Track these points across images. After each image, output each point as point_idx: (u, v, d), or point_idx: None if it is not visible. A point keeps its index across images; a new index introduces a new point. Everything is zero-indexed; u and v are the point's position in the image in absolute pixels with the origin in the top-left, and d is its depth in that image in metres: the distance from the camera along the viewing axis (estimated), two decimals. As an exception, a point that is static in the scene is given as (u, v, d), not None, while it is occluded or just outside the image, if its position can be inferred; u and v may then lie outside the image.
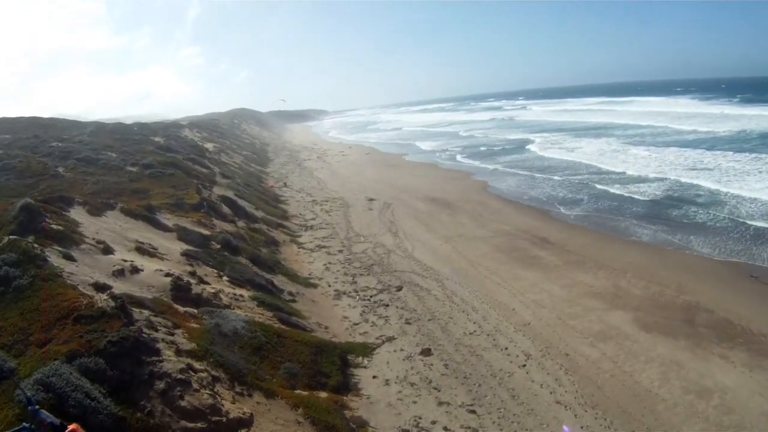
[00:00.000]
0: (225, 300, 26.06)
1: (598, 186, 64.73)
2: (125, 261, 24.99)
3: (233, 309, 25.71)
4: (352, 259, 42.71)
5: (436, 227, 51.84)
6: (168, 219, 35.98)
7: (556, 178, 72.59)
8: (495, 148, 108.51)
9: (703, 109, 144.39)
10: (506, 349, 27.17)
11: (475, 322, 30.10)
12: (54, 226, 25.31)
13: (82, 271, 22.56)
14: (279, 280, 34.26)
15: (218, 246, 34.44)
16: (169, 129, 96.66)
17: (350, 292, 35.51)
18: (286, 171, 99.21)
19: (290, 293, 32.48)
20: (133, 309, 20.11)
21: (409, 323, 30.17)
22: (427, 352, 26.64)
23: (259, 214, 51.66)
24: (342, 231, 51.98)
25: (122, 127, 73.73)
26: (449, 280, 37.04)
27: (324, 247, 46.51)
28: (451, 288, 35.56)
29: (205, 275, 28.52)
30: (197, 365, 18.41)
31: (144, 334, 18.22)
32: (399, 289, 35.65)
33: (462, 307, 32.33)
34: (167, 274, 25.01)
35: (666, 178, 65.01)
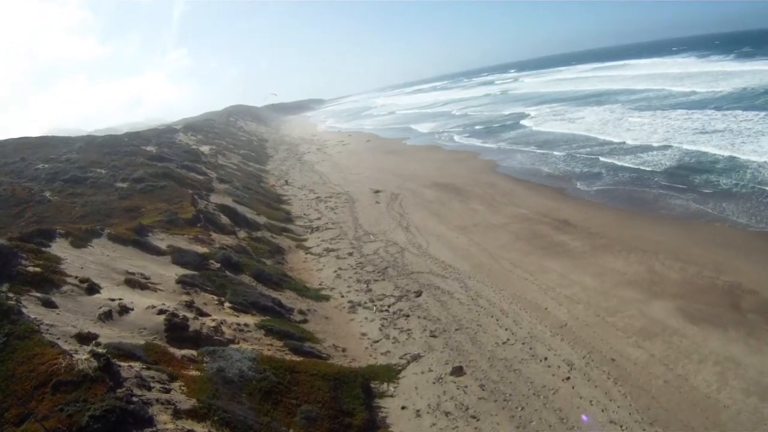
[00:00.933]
0: (228, 333, 23.34)
1: (609, 159, 61.73)
2: (112, 300, 22.28)
3: (238, 343, 23.01)
4: (364, 263, 39.93)
5: (449, 217, 49.01)
6: (161, 240, 33.23)
7: (563, 152, 69.63)
8: (495, 125, 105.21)
9: (702, 67, 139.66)
10: (545, 359, 24.42)
11: (506, 329, 27.32)
12: (31, 269, 22.59)
13: (63, 320, 19.94)
14: (287, 297, 31.51)
15: (218, 265, 31.72)
16: (163, 135, 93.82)
17: (366, 302, 32.73)
18: (286, 167, 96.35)
19: (300, 312, 29.70)
20: (121, 363, 17.49)
21: (434, 336, 27.39)
22: (458, 372, 23.87)
23: (261, 219, 48.85)
24: (350, 230, 49.19)
25: (112, 139, 70.73)
26: (471, 279, 34.25)
27: (332, 250, 43.74)
28: (474, 288, 32.78)
29: (204, 304, 25.79)
30: (199, 429, 15.72)
31: (134, 398, 15.59)
32: (418, 294, 32.88)
33: (490, 310, 29.54)
34: (160, 311, 22.26)
35: (679, 146, 61.75)
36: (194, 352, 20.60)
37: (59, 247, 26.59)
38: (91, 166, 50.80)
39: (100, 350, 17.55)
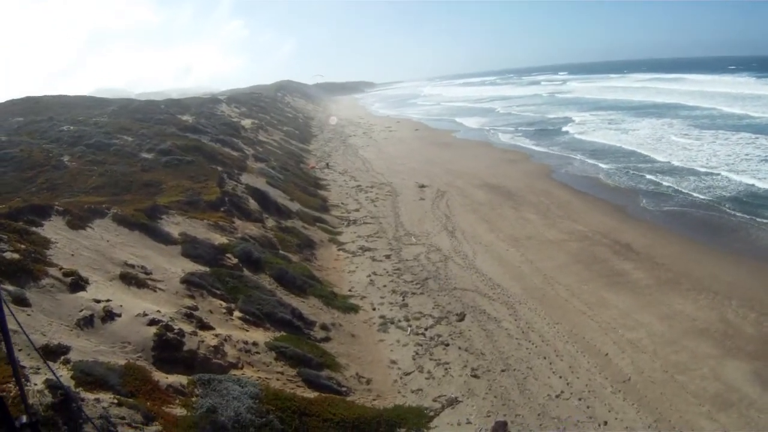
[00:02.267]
0: (231, 354, 19.35)
1: (674, 178, 56.08)
2: (98, 302, 18.44)
3: (241, 368, 19.03)
4: (401, 269, 35.75)
5: (500, 225, 44.53)
6: (176, 224, 29.44)
7: (622, 164, 64.12)
8: (547, 128, 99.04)
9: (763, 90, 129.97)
10: (605, 424, 19.91)
11: (560, 376, 22.84)
12: (9, 255, 18.87)
13: (33, 324, 16.31)
14: (310, 306, 27.48)
15: (235, 261, 27.83)
16: (204, 105, 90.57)
17: (400, 320, 28.52)
18: (329, 149, 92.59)
19: (323, 327, 25.64)
20: (87, 396, 13.69)
21: (476, 376, 23.01)
22: (502, 428, 19.47)
23: (295, 206, 44.96)
24: (390, 227, 45.05)
25: (147, 105, 67.44)
26: (522, 306, 29.79)
27: (368, 249, 39.66)
28: (525, 318, 28.34)
29: (210, 312, 21.85)
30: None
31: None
32: (461, 318, 28.56)
33: (542, 349, 25.07)
34: (152, 321, 18.35)
35: (756, 170, 55.84)
36: (185, 380, 16.69)
37: (53, 228, 22.90)
38: (118, 132, 47.46)
39: (66, 372, 13.87)
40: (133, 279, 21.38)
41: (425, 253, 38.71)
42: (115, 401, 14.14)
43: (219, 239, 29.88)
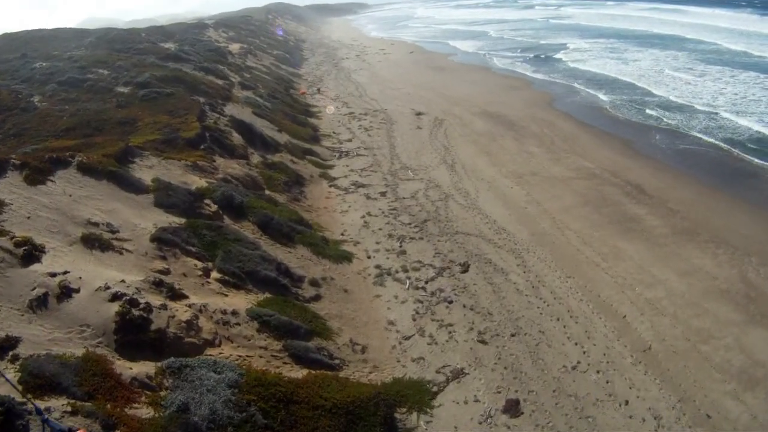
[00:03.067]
0: (207, 329, 16.97)
1: (684, 114, 52.93)
2: (53, 275, 15.88)
3: (219, 345, 16.71)
4: (398, 209, 33.28)
5: (502, 157, 42.01)
6: (149, 168, 26.65)
7: (628, 96, 60.62)
8: (548, 54, 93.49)
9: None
10: (626, 404, 17.79)
11: (576, 343, 20.62)
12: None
13: (-24, 311, 13.88)
14: (298, 258, 25.06)
15: (214, 208, 25.21)
16: (190, 31, 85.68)
17: (397, 271, 26.20)
18: (321, 72, 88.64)
19: (313, 282, 23.28)
20: (37, 401, 11.37)
21: (483, 341, 20.76)
22: (514, 409, 17.41)
23: (283, 138, 42.02)
24: (385, 160, 42.34)
25: (127, 34, 62.68)
26: (531, 254, 27.52)
27: (362, 185, 37.11)
28: (535, 269, 26.06)
29: (183, 276, 19.38)
30: None
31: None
32: (465, 269, 26.23)
33: (555, 309, 22.81)
34: (115, 296, 15.84)
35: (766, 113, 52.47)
36: (152, 369, 14.36)
37: (8, 186, 20.06)
38: (93, 66, 43.93)
39: (14, 374, 11.67)
40: (96, 241, 18.78)
41: (423, 189, 36.24)
42: (69, 409, 11.79)
43: (197, 182, 27.16)
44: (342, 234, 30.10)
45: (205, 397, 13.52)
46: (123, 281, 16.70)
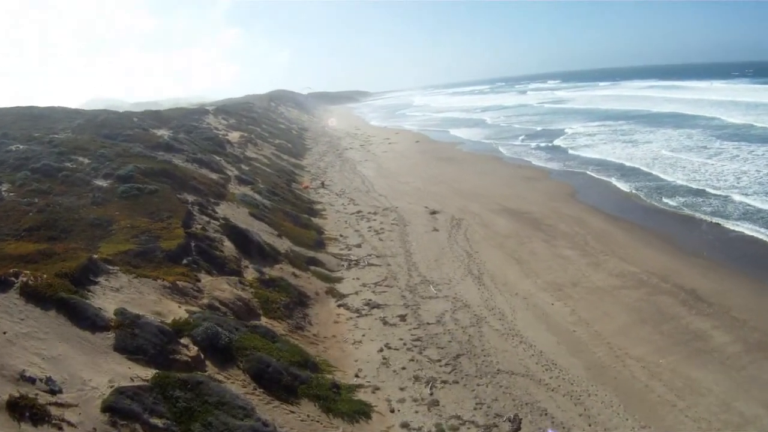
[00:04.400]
0: None
1: (717, 201, 48.16)
2: None
3: None
4: (423, 339, 27.17)
5: (534, 265, 36.61)
6: (114, 293, 20.79)
7: (652, 183, 56.38)
8: (557, 141, 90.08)
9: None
10: None
11: None
12: None
13: None
14: (303, 419, 18.80)
15: (194, 351, 19.09)
16: (188, 117, 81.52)
17: (431, 433, 19.94)
18: (324, 164, 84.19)
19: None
20: None
21: None
22: None
23: (283, 245, 36.35)
24: (401, 271, 36.55)
25: (117, 118, 57.81)
26: (593, 398, 21.62)
27: (377, 306, 31.10)
28: (602, 419, 20.30)
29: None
30: None
31: None
32: (516, 426, 20.06)
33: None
34: None
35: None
36: None
37: None
38: (73, 153, 38.68)
39: None
40: (27, 409, 12.69)
41: (450, 311, 30.27)
42: None
43: (175, 312, 21.20)
44: (357, 376, 23.85)
45: None
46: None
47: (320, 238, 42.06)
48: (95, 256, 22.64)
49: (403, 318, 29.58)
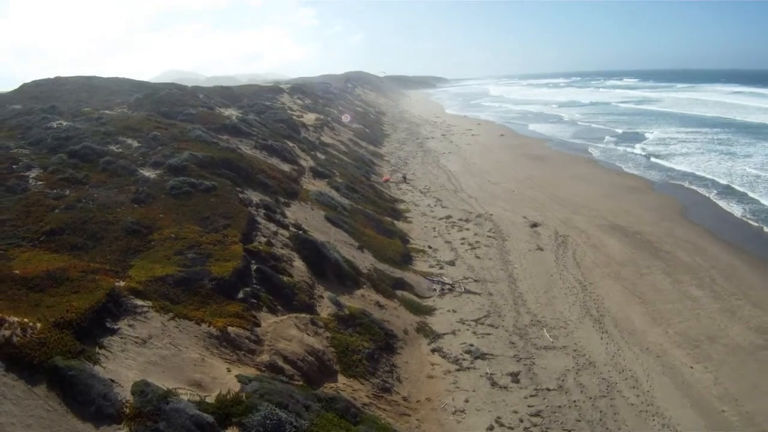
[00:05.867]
0: None
1: None
2: None
3: None
4: (544, 414, 20.46)
5: (660, 307, 29.64)
6: (137, 347, 14.66)
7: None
8: (650, 146, 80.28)
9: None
10: None
11: None
12: None
13: None
14: None
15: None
16: (261, 95, 75.86)
17: None
18: (405, 154, 77.46)
19: None
20: None
21: None
22: None
23: (365, 260, 29.87)
24: (506, 304, 29.70)
25: (180, 94, 51.61)
26: None
27: (482, 356, 24.36)
28: None
29: None
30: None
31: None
32: None
33: None
34: None
35: None
36: None
37: None
38: (121, 133, 33.11)
39: None
40: None
41: (573, 371, 23.45)
42: None
43: (221, 379, 14.84)
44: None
45: None
46: None
47: (406, 250, 35.37)
48: (120, 284, 16.49)
49: (515, 377, 22.73)
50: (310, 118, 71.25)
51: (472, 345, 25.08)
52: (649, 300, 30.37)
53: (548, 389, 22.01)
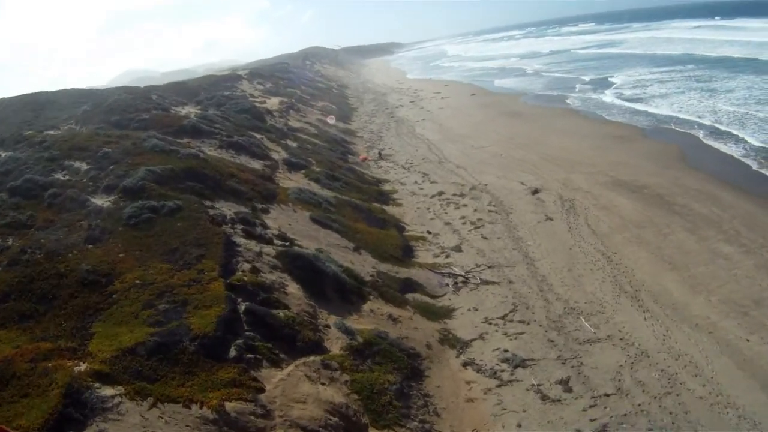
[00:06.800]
0: None
1: None
2: None
3: None
4: (609, 426, 17.37)
5: (694, 271, 26.52)
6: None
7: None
8: (626, 90, 76.58)
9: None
10: None
11: None
12: None
13: None
14: None
15: None
16: (219, 84, 71.05)
17: None
18: (377, 127, 73.40)
19: None
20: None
21: None
22: None
23: (365, 264, 26.14)
24: (531, 292, 26.35)
25: (131, 98, 45.75)
26: None
27: (521, 363, 20.93)
28: None
29: None
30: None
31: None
32: None
33: None
34: None
35: None
36: None
37: None
38: (68, 156, 28.75)
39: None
40: None
41: (627, 366, 20.37)
42: None
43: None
44: None
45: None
46: None
47: (404, 240, 31.64)
48: (81, 369, 12.71)
49: (566, 385, 19.34)
50: (273, 102, 66.79)
51: (506, 350, 21.58)
52: (681, 264, 27.25)
53: (606, 395, 18.71)
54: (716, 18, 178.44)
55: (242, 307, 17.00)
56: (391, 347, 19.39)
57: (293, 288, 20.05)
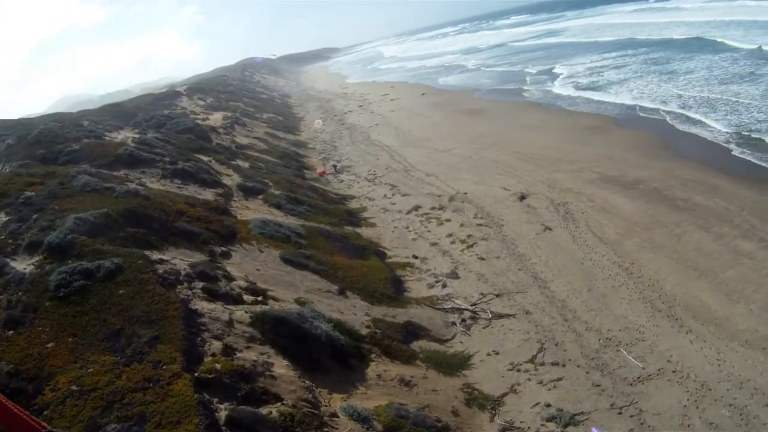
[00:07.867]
0: None
1: None
2: None
3: None
4: None
5: (722, 275, 23.33)
6: None
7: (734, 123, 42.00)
8: (582, 80, 73.43)
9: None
10: None
11: None
12: None
13: None
14: None
15: None
16: (158, 103, 65.51)
17: None
18: (328, 136, 69.09)
19: None
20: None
21: None
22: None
23: (357, 314, 21.60)
24: (555, 323, 22.57)
25: (59, 127, 38.59)
26: None
27: (571, 420, 17.15)
28: None
29: None
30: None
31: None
32: None
33: None
34: None
35: None
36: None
37: None
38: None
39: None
40: None
41: (691, 405, 16.96)
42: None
43: None
44: None
45: None
46: None
47: (390, 270, 27.19)
48: None
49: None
50: (217, 118, 61.70)
51: (548, 405, 17.52)
52: (707, 270, 23.89)
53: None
54: (650, 1, 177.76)
55: (222, 414, 12.21)
56: (416, 428, 14.95)
57: (281, 367, 15.34)
